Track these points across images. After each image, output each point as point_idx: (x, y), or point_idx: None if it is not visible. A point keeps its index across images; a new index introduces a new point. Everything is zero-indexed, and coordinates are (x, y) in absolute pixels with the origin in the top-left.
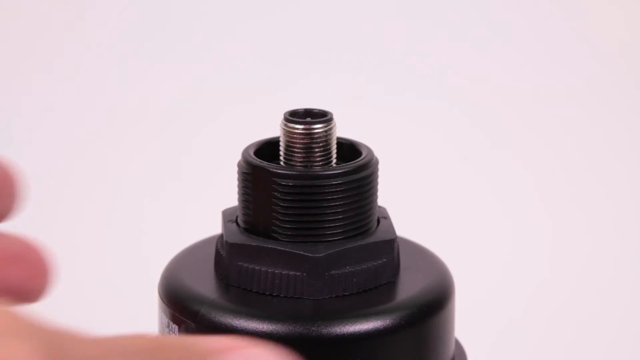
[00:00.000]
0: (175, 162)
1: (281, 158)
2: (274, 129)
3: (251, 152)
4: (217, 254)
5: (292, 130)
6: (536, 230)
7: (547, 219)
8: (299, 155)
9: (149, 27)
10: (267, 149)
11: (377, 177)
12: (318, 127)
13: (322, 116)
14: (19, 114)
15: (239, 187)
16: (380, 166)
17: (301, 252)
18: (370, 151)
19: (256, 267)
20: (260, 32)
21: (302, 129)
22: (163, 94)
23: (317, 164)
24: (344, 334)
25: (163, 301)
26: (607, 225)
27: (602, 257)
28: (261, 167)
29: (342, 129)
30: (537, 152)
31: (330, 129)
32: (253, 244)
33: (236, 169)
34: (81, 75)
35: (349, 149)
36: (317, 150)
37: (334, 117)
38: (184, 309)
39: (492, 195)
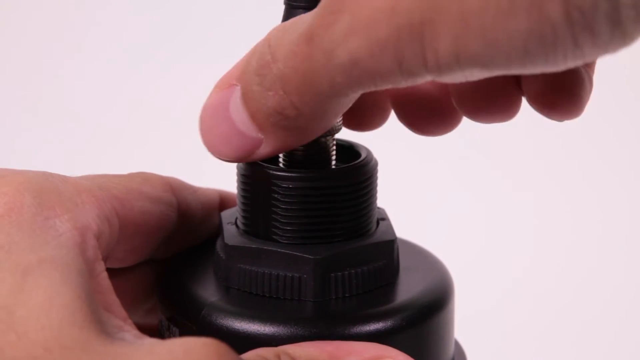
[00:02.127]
0: (174, 162)
1: (280, 160)
2: None
3: None
4: (217, 256)
5: None
6: (536, 230)
7: (548, 219)
8: (298, 157)
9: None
10: None
11: (376, 179)
12: None
13: None
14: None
15: (238, 189)
16: (379, 168)
17: (301, 254)
18: (369, 153)
19: (256, 269)
20: (261, 34)
21: None
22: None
23: (316, 165)
24: (344, 335)
25: (163, 303)
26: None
27: (602, 257)
28: (261, 169)
29: (342, 131)
30: (537, 152)
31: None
32: (253, 246)
33: (235, 170)
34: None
35: (348, 151)
36: (316, 152)
37: None
38: (185, 312)
39: (491, 196)
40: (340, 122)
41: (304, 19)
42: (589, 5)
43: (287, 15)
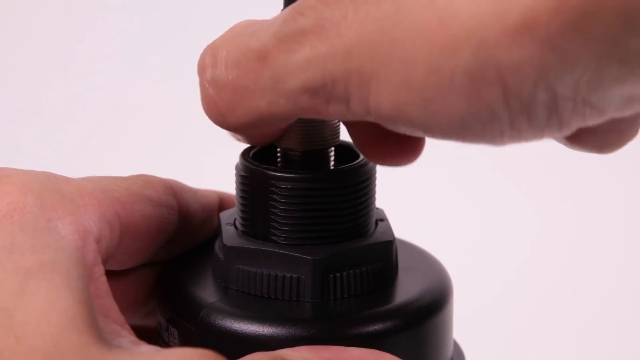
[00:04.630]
0: (173, 162)
1: (279, 161)
2: None
3: (249, 155)
4: (216, 257)
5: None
6: (536, 230)
7: (547, 220)
8: (297, 157)
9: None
10: (264, 151)
11: (374, 179)
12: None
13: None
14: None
15: (236, 190)
16: (377, 168)
17: (300, 255)
18: None
19: (255, 270)
20: None
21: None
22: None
23: (315, 166)
24: (343, 337)
25: (162, 305)
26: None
27: (601, 259)
28: (259, 170)
29: (340, 132)
30: (536, 153)
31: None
32: (252, 246)
33: (234, 171)
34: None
35: (347, 152)
36: (315, 152)
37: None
38: (184, 313)
39: (491, 196)
40: (338, 124)
41: (261, 32)
42: (528, 94)
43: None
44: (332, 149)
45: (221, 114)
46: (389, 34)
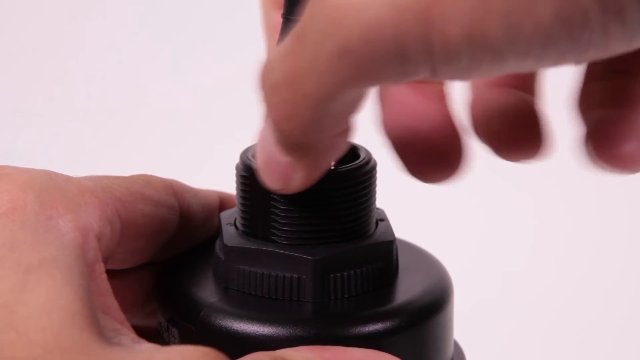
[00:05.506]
0: (173, 163)
1: None
2: None
3: (249, 155)
4: (216, 257)
5: None
6: (536, 231)
7: (547, 221)
8: None
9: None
10: None
11: (375, 180)
12: None
13: None
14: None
15: (237, 190)
16: (378, 168)
17: (300, 255)
18: (368, 153)
19: (255, 270)
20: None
21: None
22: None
23: None
24: (343, 337)
25: (162, 305)
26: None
27: (601, 259)
28: None
29: None
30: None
31: None
32: (252, 247)
33: (234, 171)
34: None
35: (348, 151)
36: None
37: None
38: (184, 313)
39: (491, 197)
40: None
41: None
42: None
43: (285, 29)
44: None
45: (288, 119)
46: None
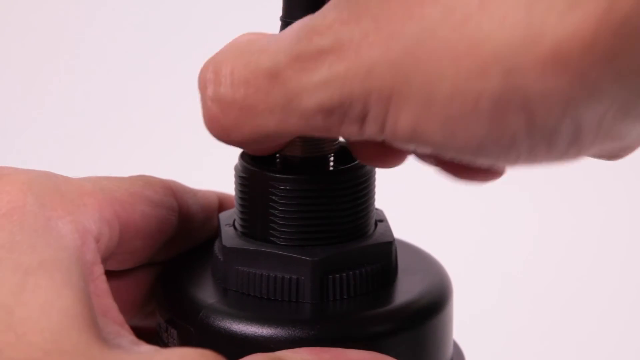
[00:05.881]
0: (173, 163)
1: (278, 162)
2: None
3: (248, 157)
4: (215, 258)
5: None
6: (536, 231)
7: (547, 221)
8: (296, 158)
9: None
10: None
11: (374, 180)
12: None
13: None
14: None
15: (236, 191)
16: (377, 169)
17: (299, 256)
18: None
19: (254, 271)
20: None
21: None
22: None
23: (314, 167)
24: (342, 338)
25: (161, 305)
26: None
27: (602, 259)
28: (258, 172)
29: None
30: None
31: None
32: (251, 247)
33: (233, 172)
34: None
35: (346, 152)
36: (314, 154)
37: None
38: (183, 314)
39: (490, 197)
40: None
41: (270, 50)
42: (552, 124)
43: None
44: (332, 150)
45: (225, 131)
46: (413, 53)
